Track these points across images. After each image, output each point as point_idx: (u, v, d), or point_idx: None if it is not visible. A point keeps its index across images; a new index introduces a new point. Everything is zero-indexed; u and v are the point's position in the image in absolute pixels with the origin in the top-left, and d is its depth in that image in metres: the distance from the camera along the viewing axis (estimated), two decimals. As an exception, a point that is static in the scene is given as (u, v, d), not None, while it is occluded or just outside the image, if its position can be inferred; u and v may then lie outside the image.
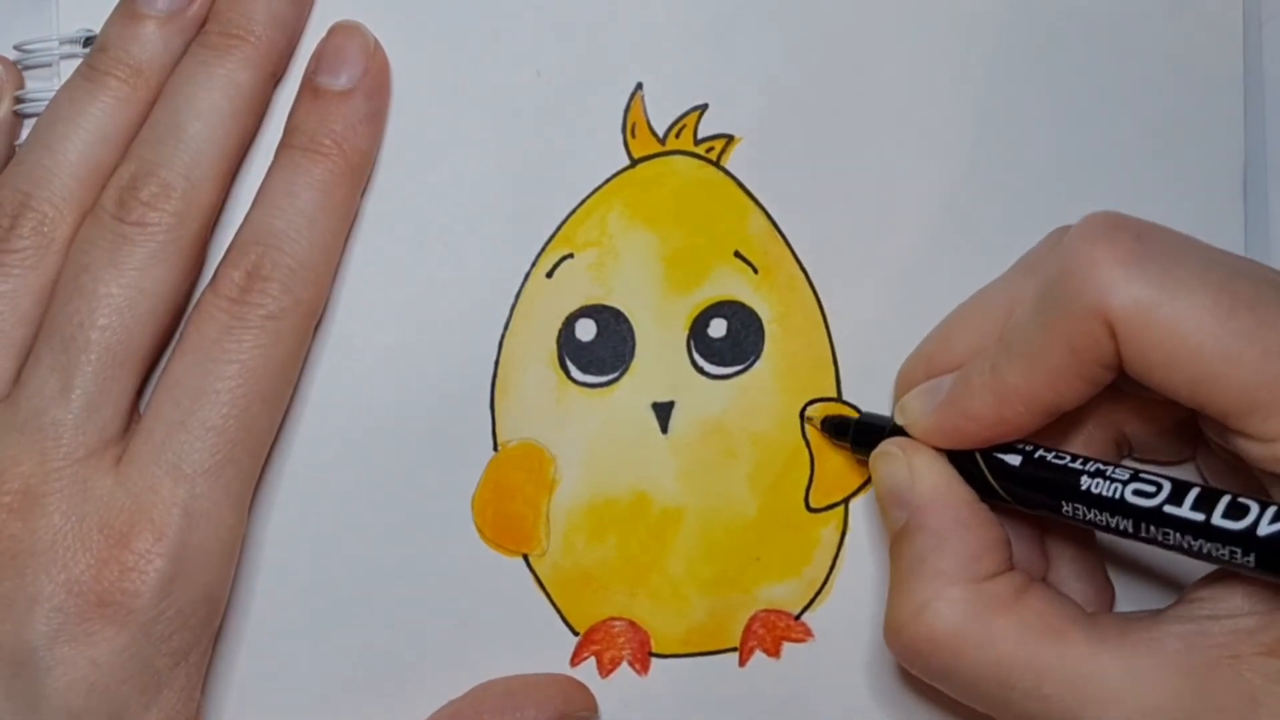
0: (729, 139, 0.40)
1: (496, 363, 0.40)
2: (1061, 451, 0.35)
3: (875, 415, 0.40)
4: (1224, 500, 0.32)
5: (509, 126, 0.40)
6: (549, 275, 0.40)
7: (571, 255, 0.40)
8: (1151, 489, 0.33)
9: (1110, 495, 0.34)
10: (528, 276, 0.40)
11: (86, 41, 0.39)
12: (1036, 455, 0.36)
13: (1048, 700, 0.34)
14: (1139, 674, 0.33)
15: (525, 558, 0.40)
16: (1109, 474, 0.34)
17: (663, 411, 0.40)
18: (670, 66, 0.40)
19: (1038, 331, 0.34)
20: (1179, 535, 0.32)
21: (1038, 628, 0.34)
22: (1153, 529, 0.33)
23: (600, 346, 0.40)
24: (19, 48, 0.40)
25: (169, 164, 0.36)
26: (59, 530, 0.35)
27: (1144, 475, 0.34)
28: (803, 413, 0.40)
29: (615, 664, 0.40)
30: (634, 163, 0.40)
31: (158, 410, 0.36)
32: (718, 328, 0.40)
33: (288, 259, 0.36)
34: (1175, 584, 0.40)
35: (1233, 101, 0.41)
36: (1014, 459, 0.36)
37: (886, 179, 0.41)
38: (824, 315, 0.41)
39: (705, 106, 0.40)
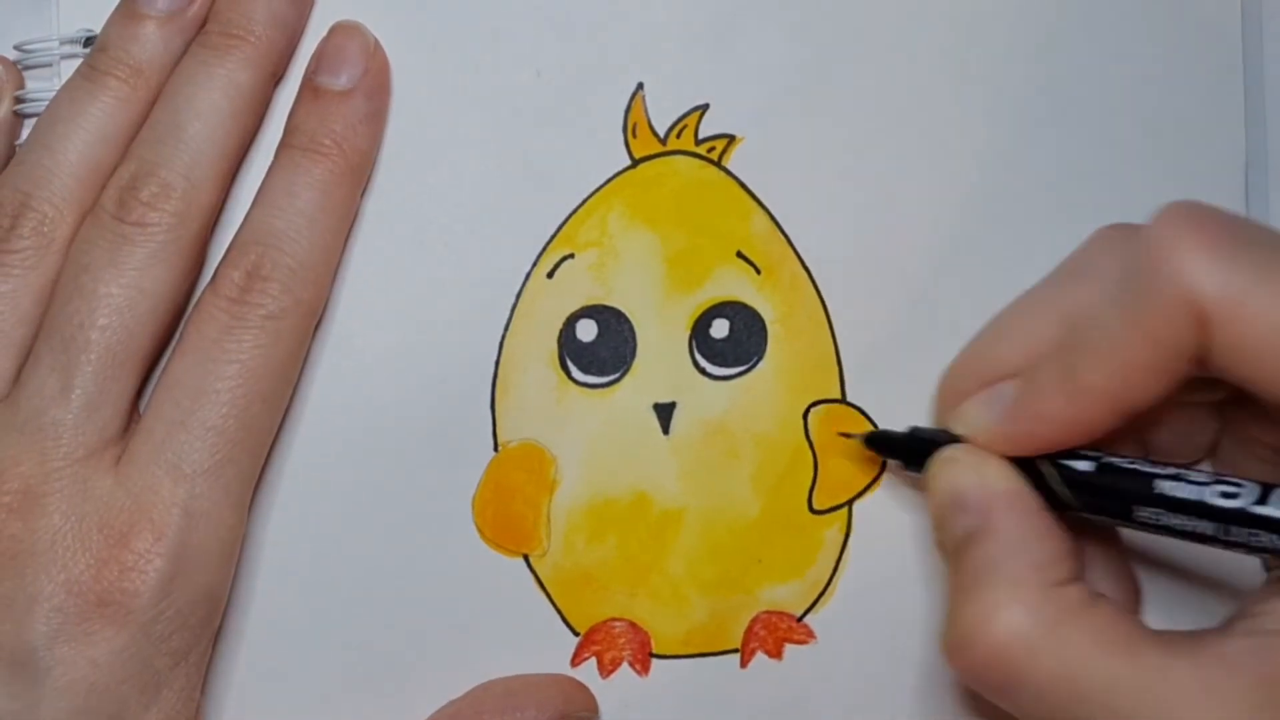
0: (730, 139, 0.40)
1: (497, 363, 0.40)
2: (1126, 456, 0.35)
3: (927, 429, 0.39)
4: None
5: (509, 126, 0.40)
6: (550, 275, 0.40)
7: (572, 255, 0.40)
8: (1235, 490, 0.33)
9: (1193, 498, 0.33)
10: (528, 276, 0.40)
11: (87, 41, 0.39)
12: (1106, 460, 0.35)
13: (1119, 714, 0.32)
14: (1213, 687, 0.32)
15: (526, 558, 0.40)
16: (1188, 477, 0.34)
17: (664, 412, 0.40)
18: (671, 66, 0.40)
19: (1117, 325, 0.33)
20: (1273, 537, 0.32)
21: (1110, 638, 0.33)
22: (1240, 531, 0.33)
23: (601, 347, 0.40)
24: (19, 48, 0.40)
25: (169, 164, 0.36)
26: (59, 530, 0.35)
27: (1224, 477, 0.33)
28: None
29: (616, 664, 0.40)
30: (635, 163, 0.40)
31: (157, 410, 0.36)
32: (720, 328, 0.40)
33: (287, 259, 0.36)
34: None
35: (1233, 100, 0.41)
36: (1085, 465, 0.35)
37: (889, 178, 0.40)
38: (828, 315, 0.40)
39: (706, 106, 0.40)
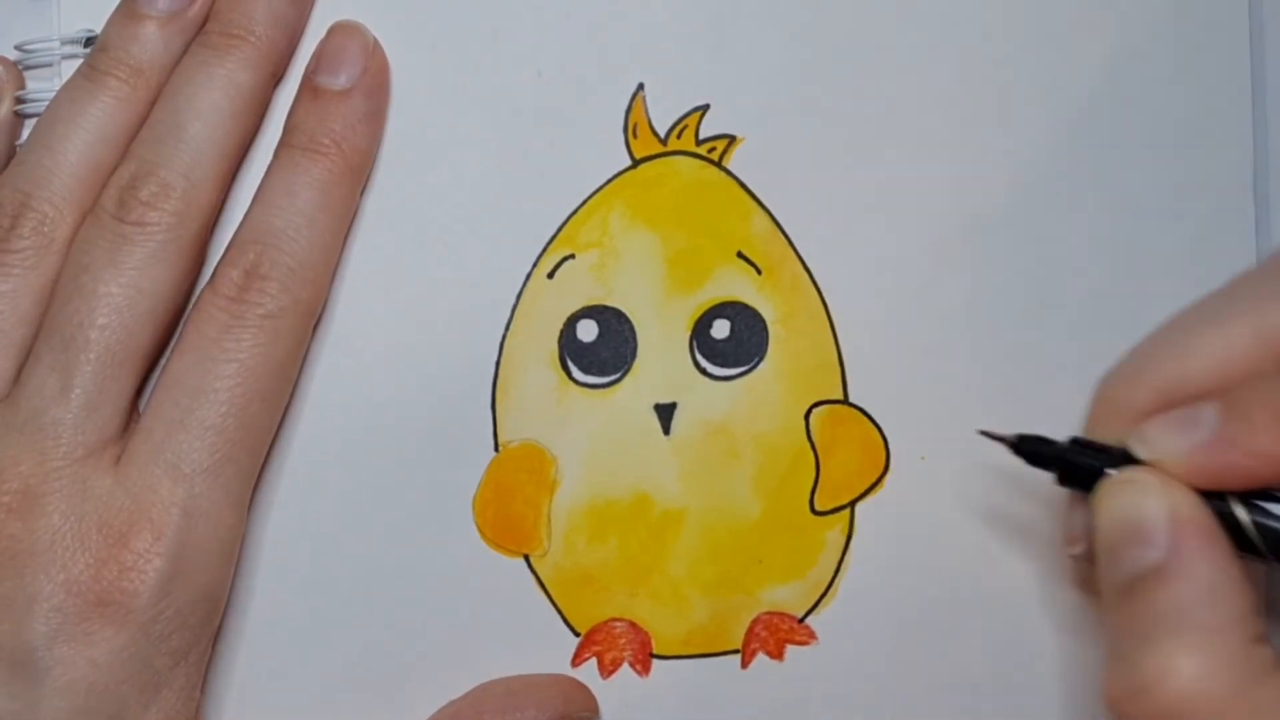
0: (731, 139, 0.40)
1: (497, 363, 0.40)
2: None
3: (1092, 442, 0.35)
4: None
5: (509, 126, 0.40)
6: (550, 276, 0.40)
7: (573, 256, 0.40)
8: None
9: None
10: (529, 277, 0.40)
11: (87, 42, 0.39)
12: None
13: None
14: None
15: (526, 558, 0.40)
16: None
17: (665, 412, 0.40)
18: (671, 66, 0.40)
19: None
20: None
21: None
22: None
23: (602, 347, 0.40)
24: (20, 48, 0.40)
25: (169, 164, 0.36)
26: (58, 530, 0.35)
27: None
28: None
29: (616, 665, 0.40)
30: (635, 163, 0.40)
31: (157, 409, 0.36)
32: (720, 328, 0.40)
33: (286, 258, 0.36)
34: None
35: (1240, 101, 0.41)
36: None
37: (890, 178, 0.40)
38: (829, 315, 0.40)
39: (707, 107, 0.40)
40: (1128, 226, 0.41)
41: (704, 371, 0.40)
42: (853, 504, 0.40)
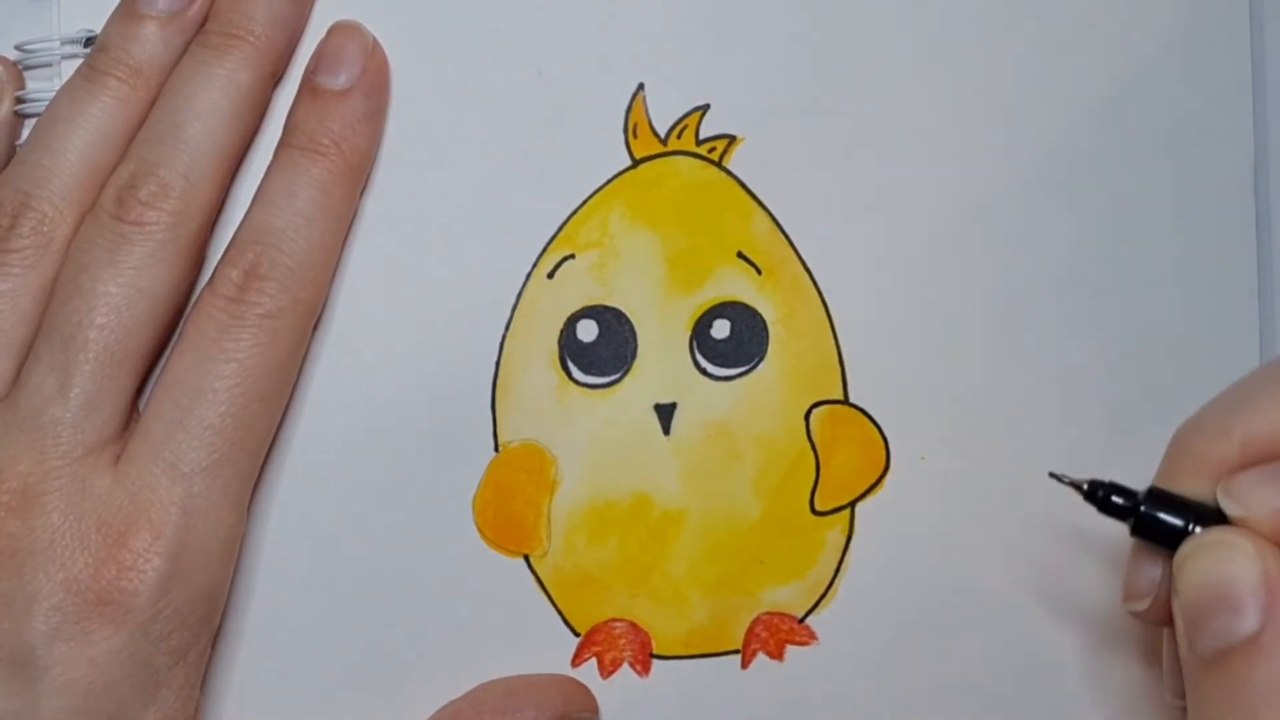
0: (731, 139, 0.40)
1: (497, 363, 0.40)
2: None
3: (1170, 493, 0.32)
4: None
5: (509, 126, 0.40)
6: (550, 276, 0.40)
7: (573, 256, 0.40)
8: None
9: None
10: (529, 277, 0.40)
11: (87, 42, 0.39)
12: None
13: None
14: None
15: (526, 558, 0.40)
16: None
17: (665, 413, 0.40)
18: (672, 66, 0.40)
19: None
20: None
21: None
22: None
23: (602, 347, 0.40)
24: (20, 48, 0.40)
25: (168, 163, 0.36)
26: (57, 529, 0.35)
27: None
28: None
29: (616, 665, 0.40)
30: (635, 163, 0.40)
31: (156, 409, 0.36)
32: (721, 329, 0.40)
33: (285, 258, 0.36)
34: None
35: (1240, 101, 0.41)
36: None
37: (890, 178, 0.40)
38: (829, 316, 0.40)
39: (707, 107, 0.40)
40: (1128, 226, 0.41)
41: (704, 372, 0.40)
42: (853, 504, 0.40)
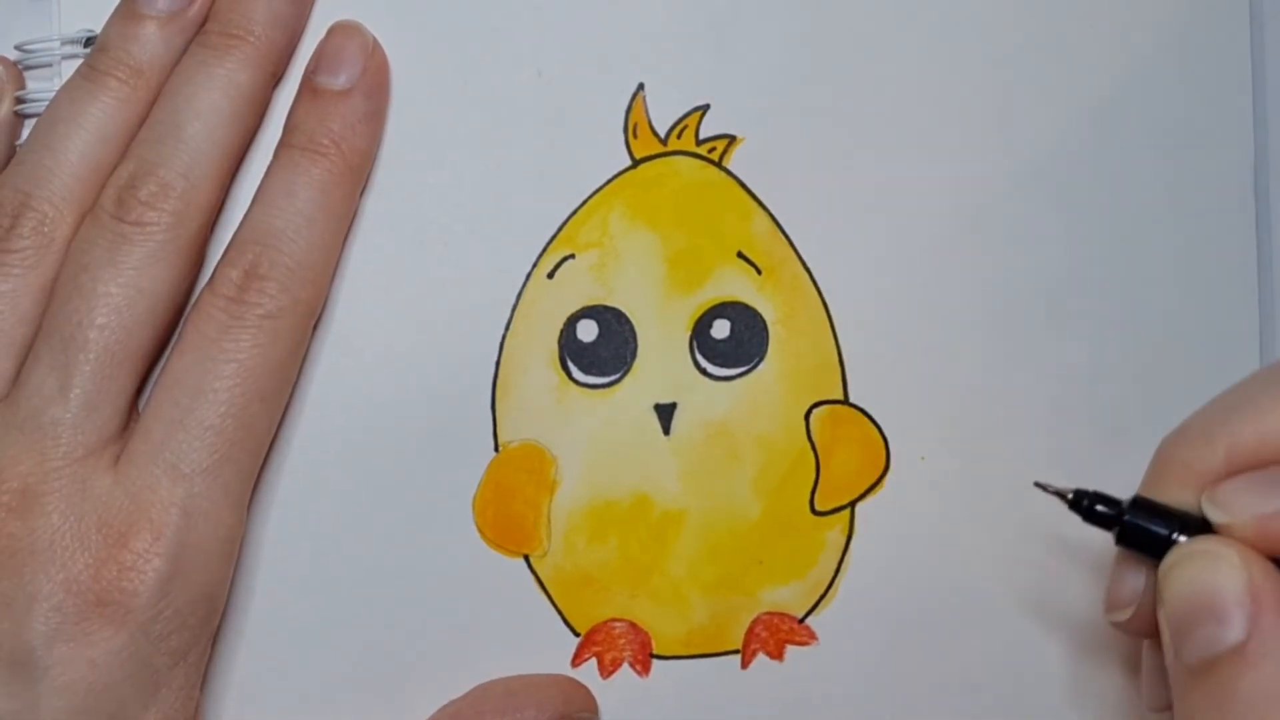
0: (731, 139, 0.40)
1: (497, 363, 0.40)
2: None
3: (1155, 502, 0.33)
4: None
5: (509, 126, 0.40)
6: (550, 276, 0.40)
7: (573, 256, 0.40)
8: None
9: None
10: (529, 277, 0.40)
11: (87, 42, 0.39)
12: None
13: None
14: None
15: (526, 558, 0.40)
16: None
17: (665, 413, 0.40)
18: (672, 66, 0.40)
19: None
20: None
21: None
22: None
23: (602, 347, 0.40)
24: (20, 48, 0.40)
25: (168, 163, 0.36)
26: (57, 529, 0.35)
27: None
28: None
29: (616, 665, 0.40)
30: (635, 163, 0.40)
31: (156, 409, 0.36)
32: (721, 329, 0.40)
33: (285, 258, 0.36)
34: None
35: (1240, 101, 0.41)
36: None
37: (890, 178, 0.40)
38: (829, 316, 0.40)
39: (707, 107, 0.40)
40: (1128, 226, 0.41)
41: (704, 372, 0.40)
42: (853, 504, 0.40)
